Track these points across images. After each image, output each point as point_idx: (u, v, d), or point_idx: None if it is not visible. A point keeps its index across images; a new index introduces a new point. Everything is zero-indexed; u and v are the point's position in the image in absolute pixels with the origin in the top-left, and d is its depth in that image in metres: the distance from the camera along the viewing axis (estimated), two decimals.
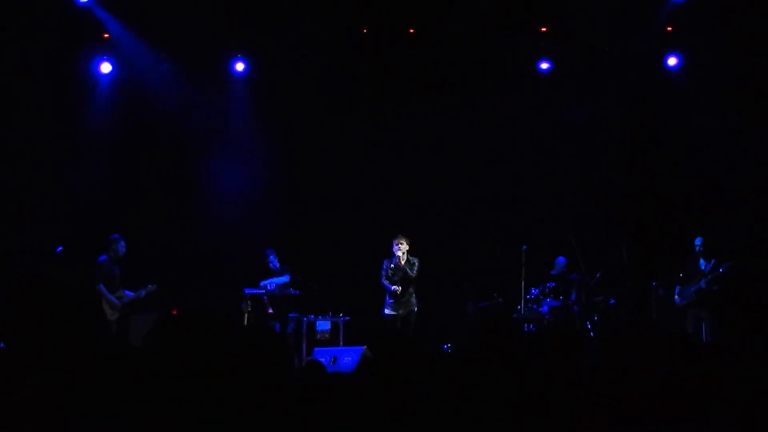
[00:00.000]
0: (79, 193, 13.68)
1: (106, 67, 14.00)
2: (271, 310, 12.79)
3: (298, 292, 12.96)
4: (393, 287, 12.17)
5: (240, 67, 14.41)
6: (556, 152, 14.58)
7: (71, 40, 13.60)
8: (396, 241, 12.21)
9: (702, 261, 12.32)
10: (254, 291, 12.69)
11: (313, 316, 12.91)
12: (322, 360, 10.25)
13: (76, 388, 2.44)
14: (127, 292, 12.30)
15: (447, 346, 11.99)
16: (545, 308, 13.07)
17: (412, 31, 14.17)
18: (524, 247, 12.97)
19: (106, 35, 13.84)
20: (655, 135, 14.47)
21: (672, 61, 14.21)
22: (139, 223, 13.74)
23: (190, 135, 14.31)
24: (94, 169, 13.87)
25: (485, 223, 14.45)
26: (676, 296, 12.50)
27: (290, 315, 12.83)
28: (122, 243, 12.31)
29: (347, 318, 12.95)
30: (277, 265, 13.07)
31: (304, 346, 12.65)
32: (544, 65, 14.54)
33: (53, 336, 2.62)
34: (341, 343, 12.71)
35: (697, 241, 12.36)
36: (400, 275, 12.17)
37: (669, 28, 13.98)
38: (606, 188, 14.40)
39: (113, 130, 14.12)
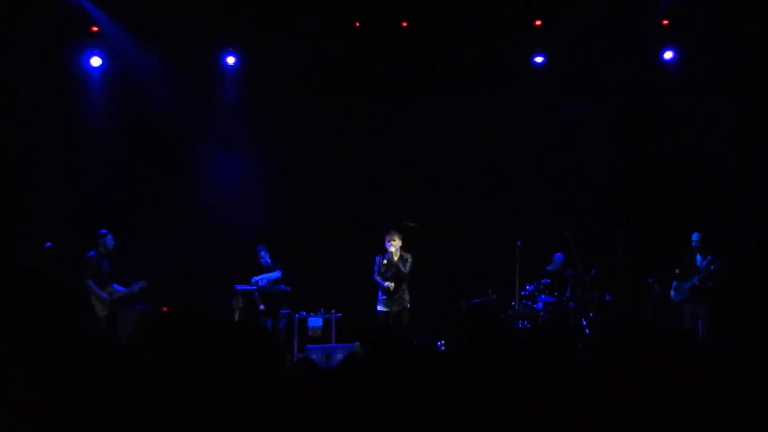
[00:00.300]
0: (68, 188, 13.65)
1: (96, 61, 13.95)
2: (262, 307, 12.78)
3: (289, 288, 12.95)
4: (386, 283, 12.16)
5: (231, 60, 14.37)
6: (551, 147, 14.58)
7: (60, 34, 13.54)
8: (388, 237, 12.19)
9: (698, 257, 12.31)
10: (245, 287, 12.67)
11: (305, 313, 12.89)
12: (314, 357, 10.25)
13: (64, 385, 2.43)
14: (118, 287, 12.28)
15: (441, 343, 11.97)
16: (540, 305, 13.05)
17: (405, 24, 14.14)
18: (518, 242, 12.94)
19: (95, 28, 13.79)
20: (652, 129, 14.44)
21: (668, 54, 14.21)
22: (129, 218, 13.70)
23: (181, 130, 14.25)
24: (84, 164, 13.84)
25: (479, 218, 14.45)
26: (672, 292, 12.49)
27: (282, 311, 12.81)
28: (110, 237, 12.30)
29: (339, 315, 12.94)
30: (269, 260, 13.04)
31: (295, 343, 12.64)
32: (539, 59, 14.54)
33: (41, 332, 2.60)
34: (333, 340, 12.70)
35: (694, 237, 12.34)
36: (393, 271, 12.16)
37: (665, 22, 13.98)
38: (602, 183, 14.38)
39: (103, 124, 14.07)
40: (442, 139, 14.61)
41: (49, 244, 11.96)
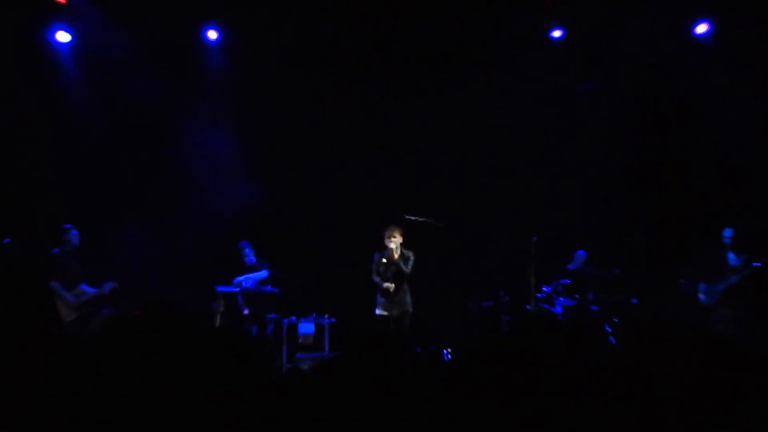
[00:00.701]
0: (33, 178, 13.60)
1: (63, 36, 13.86)
2: (246, 311, 12.72)
3: (277, 289, 12.90)
4: (385, 284, 12.10)
5: (212, 35, 14.28)
6: (570, 132, 14.53)
7: (21, 6, 13.46)
8: (388, 234, 12.13)
9: (731, 255, 12.27)
10: (227, 289, 12.62)
11: (294, 318, 12.85)
12: (305, 368, 10.19)
13: (24, 397, 2.38)
14: (87, 288, 12.23)
15: (447, 351, 11.92)
16: (558, 308, 13.00)
17: None
18: (534, 238, 12.83)
19: (62, 0, 13.69)
20: (682, 113, 14.37)
21: (701, 28, 14.12)
22: (100, 211, 13.64)
23: (157, 112, 14.17)
24: (51, 151, 13.80)
25: (489, 211, 14.37)
26: (701, 295, 12.45)
27: (268, 316, 12.77)
28: (74, 232, 12.31)
29: (333, 320, 12.89)
30: (254, 259, 13.01)
31: (284, 351, 12.59)
32: (557, 33, 14.46)
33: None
34: (327, 348, 12.66)
35: (726, 233, 12.30)
36: (393, 271, 12.11)
37: None
38: (626, 172, 14.33)
39: (72, 107, 14.04)
40: (447, 124, 14.54)
41: (8, 240, 11.90)
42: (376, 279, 12.24)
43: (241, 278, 12.80)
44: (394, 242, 12.13)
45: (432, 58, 14.19)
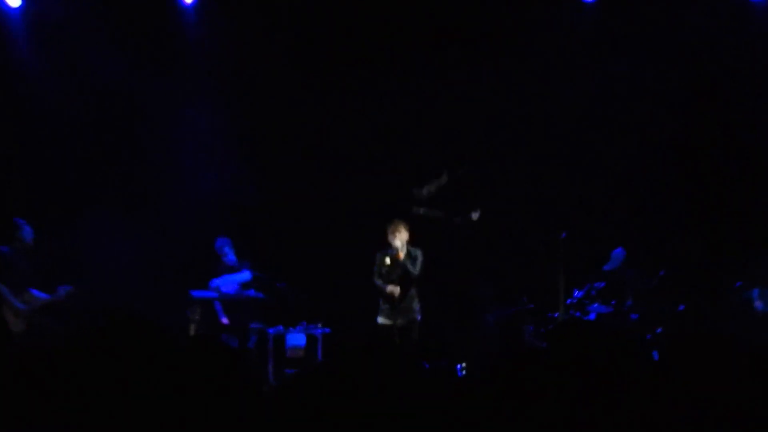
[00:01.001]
0: None
1: (13, 0, 13.83)
2: (226, 320, 12.71)
3: (261, 294, 12.89)
4: (389, 288, 12.10)
5: None
6: (603, 112, 14.46)
7: None
8: (392, 229, 12.11)
9: None
10: (204, 294, 12.61)
11: (282, 328, 12.86)
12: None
13: None
14: (38, 293, 12.22)
15: (460, 366, 11.94)
16: (592, 315, 12.97)
17: None
18: (563, 234, 12.80)
19: None
20: (737, 93, 14.28)
21: None
22: (57, 205, 13.64)
23: (123, 89, 14.11)
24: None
25: (510, 202, 14.32)
26: (757, 302, 12.47)
27: (251, 326, 12.77)
28: (28, 229, 12.29)
29: (327, 330, 12.89)
30: (234, 258, 12.99)
31: (270, 367, 12.60)
32: None
33: None
34: None
35: None
36: (398, 272, 12.10)
37: None
38: (673, 158, 14.28)
39: (26, 83, 14.01)
40: (459, 104, 14.48)
41: None
42: (378, 282, 12.25)
43: (219, 281, 12.79)
44: (400, 239, 12.12)
45: (447, 29, 14.12)
